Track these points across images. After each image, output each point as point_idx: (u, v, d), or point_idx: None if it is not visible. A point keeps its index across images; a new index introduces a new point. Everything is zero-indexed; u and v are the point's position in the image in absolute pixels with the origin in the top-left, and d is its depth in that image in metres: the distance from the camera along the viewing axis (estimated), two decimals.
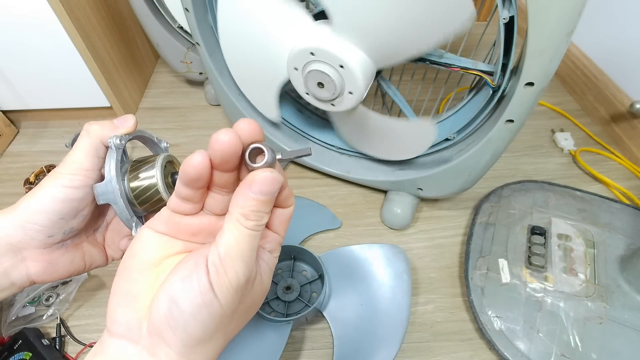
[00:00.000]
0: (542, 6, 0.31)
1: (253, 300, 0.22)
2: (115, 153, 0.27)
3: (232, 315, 0.20)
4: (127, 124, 0.28)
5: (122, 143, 0.27)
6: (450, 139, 0.50)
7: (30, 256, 0.27)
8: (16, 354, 0.44)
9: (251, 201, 0.19)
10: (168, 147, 0.33)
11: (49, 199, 0.26)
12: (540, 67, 0.34)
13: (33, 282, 0.28)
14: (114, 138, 0.27)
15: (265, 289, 0.23)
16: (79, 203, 0.27)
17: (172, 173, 0.30)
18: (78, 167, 0.26)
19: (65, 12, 0.58)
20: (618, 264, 0.50)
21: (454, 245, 0.58)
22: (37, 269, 0.27)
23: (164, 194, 0.28)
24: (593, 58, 0.79)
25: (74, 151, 0.27)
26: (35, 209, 0.26)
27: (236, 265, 0.19)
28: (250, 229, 0.20)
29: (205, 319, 0.19)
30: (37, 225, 0.26)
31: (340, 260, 0.53)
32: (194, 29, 0.50)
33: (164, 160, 0.29)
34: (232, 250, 0.19)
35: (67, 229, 0.28)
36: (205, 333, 0.19)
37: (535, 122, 0.77)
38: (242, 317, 0.23)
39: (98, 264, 0.31)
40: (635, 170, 0.67)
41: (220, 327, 0.20)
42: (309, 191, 0.64)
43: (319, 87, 0.42)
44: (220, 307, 0.19)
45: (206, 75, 0.78)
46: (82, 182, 0.27)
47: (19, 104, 0.73)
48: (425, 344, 0.48)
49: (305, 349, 0.48)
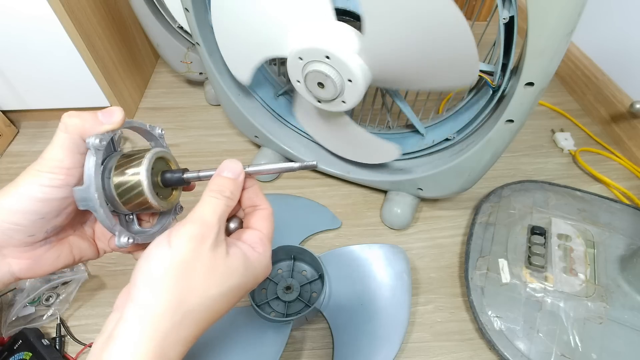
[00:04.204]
0: (542, 6, 0.31)
1: (228, 273, 0.24)
2: (95, 155, 0.24)
3: (186, 265, 0.22)
4: (113, 119, 0.25)
5: (103, 144, 0.24)
6: (450, 139, 0.50)
7: (12, 254, 0.25)
8: (16, 354, 0.44)
9: (216, 178, 0.26)
10: (163, 133, 0.30)
11: (26, 198, 0.24)
12: (540, 67, 0.34)
13: (18, 278, 0.26)
14: (92, 138, 0.24)
15: (235, 266, 0.24)
16: (60, 202, 0.25)
17: (162, 171, 0.27)
18: (58, 165, 0.24)
19: (66, 13, 0.58)
20: (618, 264, 0.50)
21: (454, 245, 0.58)
22: (20, 267, 0.26)
23: (150, 196, 0.26)
24: (593, 58, 0.79)
25: (52, 147, 0.24)
26: (11, 209, 0.24)
27: (195, 221, 0.23)
28: (213, 197, 0.25)
29: (159, 264, 0.22)
30: (15, 225, 0.24)
31: (340, 260, 0.53)
32: (194, 29, 0.50)
33: (153, 156, 0.26)
34: (195, 211, 0.24)
35: (50, 228, 0.26)
36: (162, 282, 0.22)
37: (535, 122, 0.77)
38: (214, 283, 0.23)
39: (89, 257, 0.30)
40: (635, 170, 0.67)
41: (177, 277, 0.22)
42: (309, 191, 0.64)
43: (319, 87, 0.42)
44: (169, 250, 0.22)
45: (206, 75, 0.78)
46: (64, 181, 0.24)
47: (19, 104, 0.73)
48: (425, 344, 0.48)
49: (305, 349, 0.48)
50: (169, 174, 0.27)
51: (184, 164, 0.30)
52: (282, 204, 0.61)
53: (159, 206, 0.27)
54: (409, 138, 0.56)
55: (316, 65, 0.40)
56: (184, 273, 0.22)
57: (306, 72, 0.41)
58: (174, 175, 0.27)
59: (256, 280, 0.26)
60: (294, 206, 0.62)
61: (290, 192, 0.64)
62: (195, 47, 0.55)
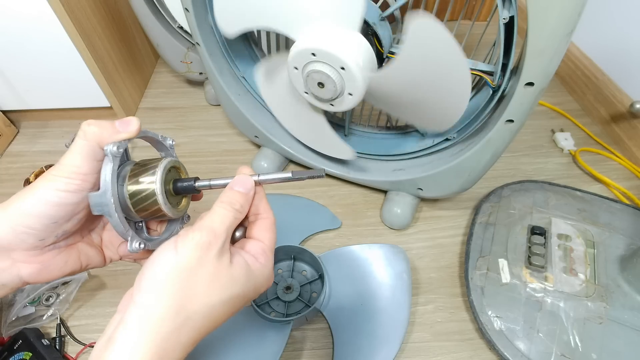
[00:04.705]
0: (542, 6, 0.31)
1: (230, 281, 0.24)
2: (112, 162, 0.25)
3: (190, 271, 0.23)
4: (130, 129, 0.26)
5: (120, 151, 0.25)
6: (450, 139, 0.50)
7: (21, 258, 0.26)
8: (16, 354, 0.44)
9: (228, 190, 0.27)
10: (173, 144, 0.31)
11: (43, 202, 0.25)
12: (540, 67, 0.34)
13: (26, 282, 0.27)
14: (111, 145, 0.25)
15: (238, 275, 0.25)
16: (74, 207, 0.26)
17: (174, 180, 0.28)
18: (75, 170, 0.25)
19: (66, 13, 0.58)
20: (618, 264, 0.50)
21: (454, 245, 0.58)
22: (28, 271, 0.26)
23: (163, 204, 0.26)
24: (593, 58, 0.79)
25: (70, 153, 0.25)
26: (27, 212, 0.25)
27: (203, 228, 0.24)
28: (223, 208, 0.25)
29: (163, 268, 0.23)
30: (29, 229, 0.25)
31: (340, 260, 0.53)
32: (194, 29, 0.50)
33: (166, 166, 0.27)
34: (204, 219, 0.25)
35: (60, 232, 0.26)
36: (164, 286, 0.22)
37: (535, 122, 0.77)
38: (216, 291, 0.23)
39: (95, 264, 0.30)
40: (635, 170, 0.67)
41: (180, 282, 0.22)
42: (309, 191, 0.64)
43: (318, 85, 0.42)
44: (175, 256, 0.23)
45: (206, 75, 0.78)
46: (79, 186, 0.25)
47: (19, 104, 0.73)
48: (425, 344, 0.48)
49: (305, 349, 0.48)
50: (181, 182, 0.28)
51: (184, 164, 0.30)
52: (282, 204, 0.61)
53: (171, 214, 0.27)
54: (409, 138, 0.56)
55: (327, 69, 0.39)
56: (188, 279, 0.23)
57: (313, 68, 0.40)
58: (186, 183, 0.28)
59: (257, 291, 0.26)
60: (294, 206, 0.62)
61: (290, 192, 0.64)
62: (195, 47, 0.55)
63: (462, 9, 0.48)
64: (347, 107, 0.42)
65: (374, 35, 0.41)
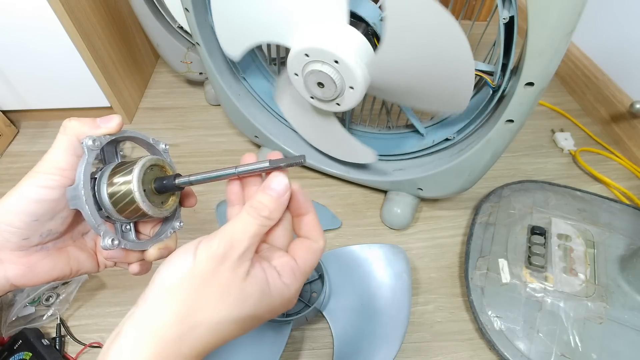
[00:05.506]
0: (542, 6, 0.31)
1: (241, 298, 0.22)
2: (87, 155, 0.24)
3: (202, 281, 0.22)
4: (110, 124, 0.26)
5: (97, 144, 0.25)
6: (450, 139, 0.50)
7: (7, 259, 0.25)
8: (16, 354, 0.44)
9: (259, 193, 0.24)
10: (167, 148, 0.30)
11: (23, 199, 0.24)
12: (540, 67, 0.34)
13: (13, 285, 0.26)
14: (87, 139, 0.25)
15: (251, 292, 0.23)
16: (54, 204, 0.25)
17: (156, 179, 0.27)
18: (54, 165, 0.25)
19: (66, 12, 0.58)
20: (618, 264, 0.50)
21: (454, 245, 0.58)
22: (15, 272, 0.25)
23: (141, 202, 0.25)
24: (593, 58, 0.79)
25: (51, 149, 0.25)
26: (8, 210, 0.24)
27: (223, 237, 0.22)
28: (248, 215, 0.23)
29: (176, 273, 0.22)
30: (10, 227, 0.24)
31: (340, 260, 0.53)
32: (194, 29, 0.50)
33: (145, 163, 0.26)
34: (227, 225, 0.23)
35: (44, 232, 0.26)
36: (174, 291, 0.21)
37: (535, 122, 0.77)
38: (225, 306, 0.22)
39: (87, 270, 0.29)
40: (635, 170, 0.67)
41: (190, 290, 0.21)
42: (309, 191, 0.64)
43: (318, 85, 0.42)
44: (193, 261, 0.22)
45: (206, 75, 0.78)
46: (59, 182, 0.25)
47: (19, 104, 0.73)
48: (425, 344, 0.48)
49: (305, 349, 0.48)
50: (162, 180, 0.27)
51: (184, 164, 0.30)
52: None
53: (152, 213, 0.26)
54: (409, 138, 0.56)
55: (322, 67, 0.39)
56: (198, 288, 0.22)
57: (309, 69, 0.40)
58: (166, 181, 0.27)
59: (272, 312, 0.24)
60: None
61: None
62: (195, 47, 0.55)
63: (462, 9, 0.48)
64: (352, 102, 0.42)
65: (374, 35, 0.41)
